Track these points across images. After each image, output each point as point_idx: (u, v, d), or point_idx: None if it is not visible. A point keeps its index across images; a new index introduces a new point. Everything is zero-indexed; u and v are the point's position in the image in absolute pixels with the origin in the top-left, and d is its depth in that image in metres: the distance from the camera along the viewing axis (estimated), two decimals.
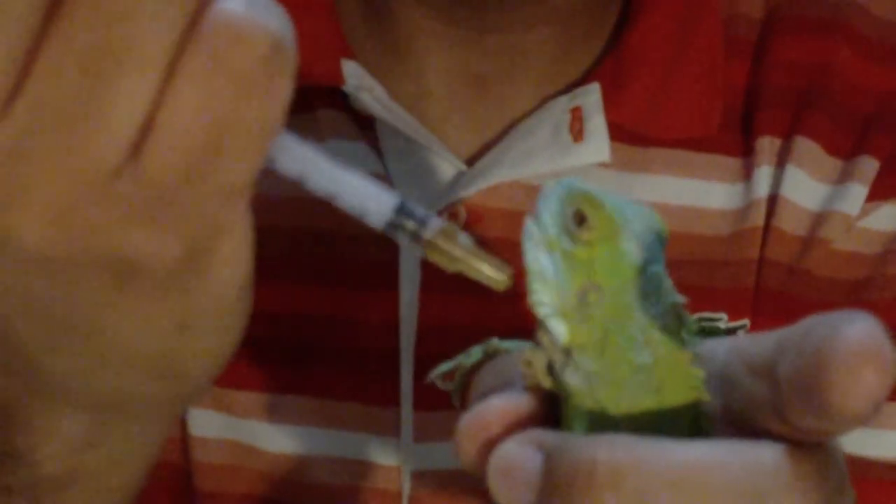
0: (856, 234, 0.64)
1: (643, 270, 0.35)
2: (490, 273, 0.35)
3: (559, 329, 0.36)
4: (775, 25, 0.66)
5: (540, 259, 0.36)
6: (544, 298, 0.36)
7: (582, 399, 0.35)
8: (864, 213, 0.64)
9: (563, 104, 0.64)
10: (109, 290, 0.33)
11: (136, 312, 0.34)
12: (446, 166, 0.64)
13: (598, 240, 0.35)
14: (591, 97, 0.63)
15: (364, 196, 0.34)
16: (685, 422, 0.35)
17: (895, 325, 0.64)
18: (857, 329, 0.31)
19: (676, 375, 0.35)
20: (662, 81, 0.64)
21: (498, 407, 0.35)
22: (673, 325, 0.35)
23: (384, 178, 0.63)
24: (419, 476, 0.63)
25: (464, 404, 0.38)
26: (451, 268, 0.35)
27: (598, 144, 0.63)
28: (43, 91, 0.30)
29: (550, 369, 0.36)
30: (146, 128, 0.31)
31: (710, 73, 0.65)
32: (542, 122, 0.63)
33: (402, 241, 0.35)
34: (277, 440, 0.65)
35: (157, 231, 0.32)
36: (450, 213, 0.63)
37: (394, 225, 0.35)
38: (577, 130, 0.63)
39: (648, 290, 0.35)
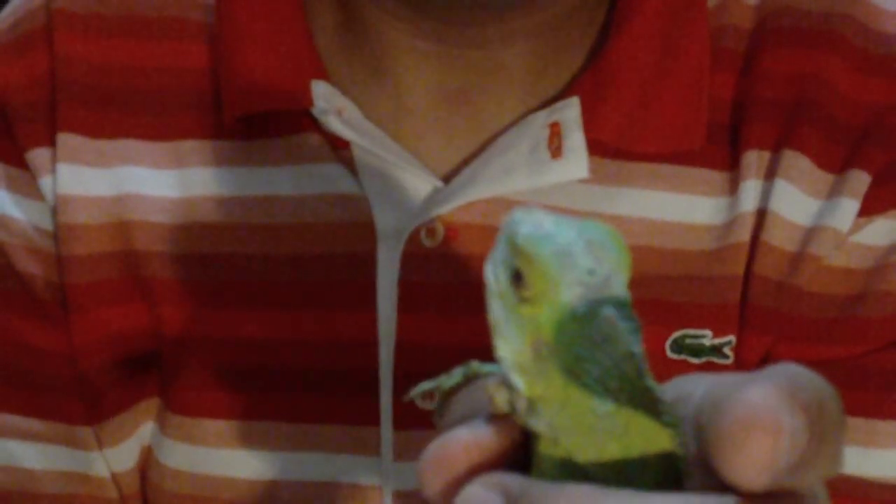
0: (848, 249, 0.63)
1: (593, 317, 0.34)
2: None
3: (518, 383, 0.34)
4: (764, 36, 0.65)
5: (495, 310, 0.35)
6: (502, 352, 0.35)
7: (548, 444, 0.34)
8: (856, 227, 0.63)
9: (541, 119, 0.63)
10: None
11: None
12: (423, 184, 0.63)
13: (537, 297, 0.34)
14: (571, 112, 0.63)
15: None
16: (656, 467, 0.33)
17: (889, 342, 0.64)
18: (747, 395, 0.29)
19: (642, 422, 0.33)
20: (645, 94, 0.63)
21: (463, 441, 0.34)
22: (631, 372, 0.33)
23: (360, 198, 0.62)
24: (400, 496, 0.63)
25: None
26: None
27: (576, 160, 0.62)
28: None
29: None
30: None
31: (695, 86, 0.64)
32: (521, 138, 0.63)
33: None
34: (254, 467, 0.64)
35: None
36: (427, 230, 0.62)
37: None
38: (556, 146, 0.62)
39: (599, 339, 0.33)
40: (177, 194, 0.64)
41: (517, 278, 0.34)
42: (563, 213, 0.35)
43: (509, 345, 0.35)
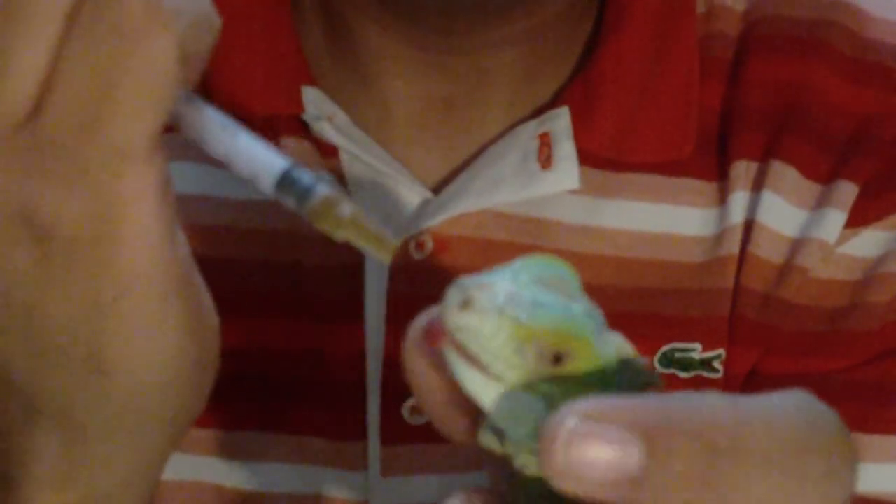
0: (835, 261, 0.63)
1: (626, 363, 0.34)
2: (374, 242, 0.35)
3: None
4: (752, 44, 0.65)
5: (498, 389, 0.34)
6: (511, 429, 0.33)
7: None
8: (843, 239, 0.63)
9: (530, 130, 0.62)
10: (25, 255, 0.35)
11: (52, 286, 0.36)
12: (411, 194, 0.63)
13: (574, 362, 0.33)
14: (560, 122, 0.62)
15: (254, 161, 0.36)
16: None
17: (879, 355, 0.64)
18: (574, 405, 0.29)
19: None
20: (634, 103, 0.63)
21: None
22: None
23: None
24: None
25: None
26: (336, 236, 0.35)
27: (566, 171, 0.62)
28: None
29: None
30: (46, 85, 0.33)
31: (684, 95, 0.64)
32: (510, 149, 0.62)
33: (290, 206, 0.36)
34: (241, 477, 0.63)
35: (57, 187, 0.34)
36: (416, 242, 0.62)
37: (281, 190, 0.35)
38: (546, 157, 0.62)
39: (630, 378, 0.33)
40: None
41: (557, 358, 0.33)
42: (484, 269, 0.34)
43: (522, 415, 0.33)
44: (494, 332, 0.32)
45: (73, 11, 0.33)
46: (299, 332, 0.63)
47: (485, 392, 0.33)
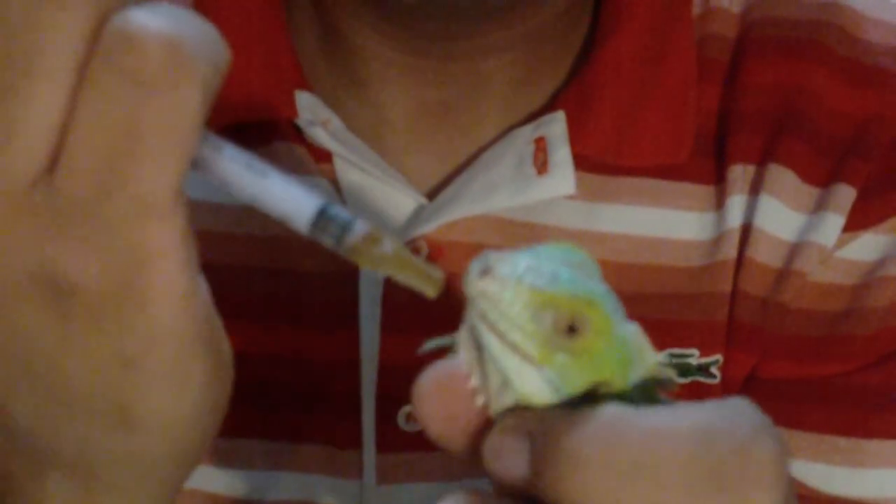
0: (833, 265, 0.62)
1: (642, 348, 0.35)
2: (420, 277, 0.35)
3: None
4: (749, 47, 0.65)
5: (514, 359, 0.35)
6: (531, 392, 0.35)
7: None
8: (842, 243, 0.62)
9: (526, 134, 0.62)
10: (47, 316, 0.33)
11: (76, 344, 0.34)
12: (406, 200, 0.62)
13: (594, 337, 0.35)
14: (556, 126, 0.62)
15: (286, 201, 0.35)
16: None
17: (877, 360, 0.64)
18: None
19: None
20: (631, 107, 0.63)
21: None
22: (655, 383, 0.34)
23: None
24: None
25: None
26: (378, 272, 0.35)
27: (563, 176, 0.61)
28: None
29: None
30: (60, 140, 0.32)
31: (681, 98, 0.64)
32: (505, 154, 0.62)
33: (328, 244, 0.35)
34: (236, 484, 0.63)
35: (78, 248, 0.32)
36: (411, 248, 0.61)
37: (317, 229, 0.35)
38: (542, 162, 0.62)
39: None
40: None
41: (571, 329, 0.34)
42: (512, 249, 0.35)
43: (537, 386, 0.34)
44: (513, 299, 0.33)
45: (85, 61, 0.31)
46: (294, 338, 0.62)
47: (505, 358, 0.34)
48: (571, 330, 0.34)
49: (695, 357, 0.62)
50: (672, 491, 0.31)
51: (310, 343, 0.62)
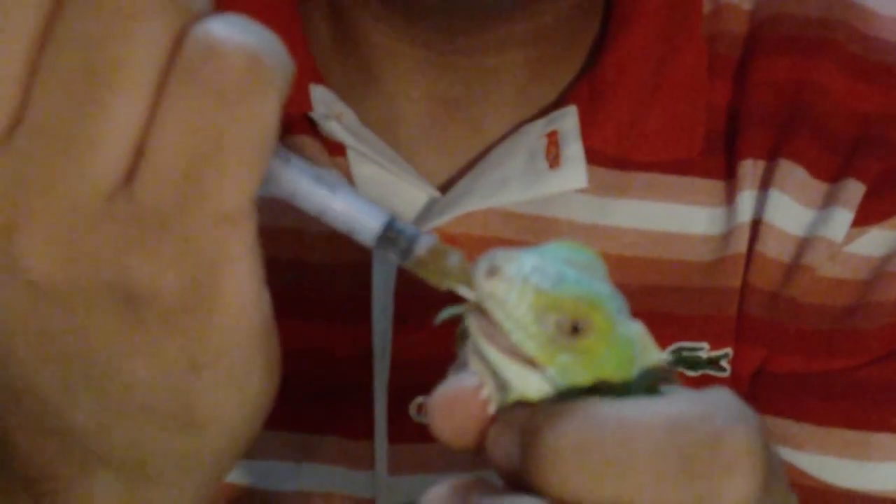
0: (842, 260, 0.63)
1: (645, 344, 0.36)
2: None
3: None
4: (759, 43, 0.65)
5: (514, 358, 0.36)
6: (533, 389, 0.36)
7: None
8: (850, 238, 0.63)
9: (538, 128, 0.62)
10: (117, 322, 0.33)
11: (145, 348, 0.34)
12: (419, 193, 0.63)
13: (597, 337, 0.35)
14: (568, 121, 0.62)
15: (353, 214, 0.35)
16: None
17: (884, 354, 0.64)
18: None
19: None
20: (642, 102, 0.63)
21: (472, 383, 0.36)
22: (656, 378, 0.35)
23: None
24: None
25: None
26: (441, 285, 0.35)
27: (575, 170, 0.62)
28: (39, 116, 0.31)
29: None
30: (139, 151, 0.31)
31: (692, 93, 0.64)
32: (517, 148, 0.62)
33: (392, 258, 0.36)
34: (248, 474, 0.63)
35: (156, 257, 0.32)
36: None
37: (383, 243, 0.35)
38: (553, 156, 0.62)
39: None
40: None
41: (574, 329, 0.34)
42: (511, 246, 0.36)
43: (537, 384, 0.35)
44: (518, 300, 0.34)
45: (165, 72, 0.31)
46: (306, 330, 0.62)
47: (505, 363, 0.34)
48: (575, 330, 0.34)
49: (705, 350, 0.63)
50: (643, 479, 0.31)
51: (322, 335, 0.62)
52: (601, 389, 0.34)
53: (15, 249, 0.32)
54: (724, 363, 0.63)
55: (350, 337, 0.62)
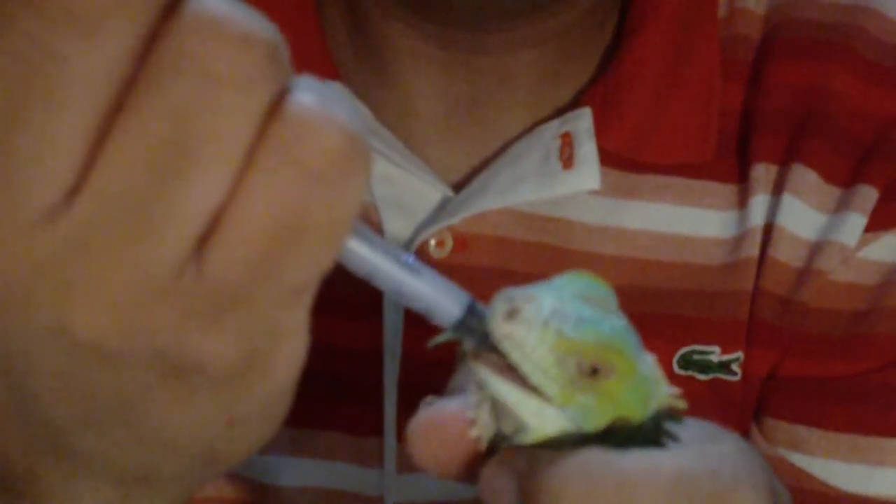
0: (854, 264, 0.63)
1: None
2: None
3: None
4: (774, 47, 0.65)
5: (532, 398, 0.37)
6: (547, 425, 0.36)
7: None
8: (863, 243, 0.62)
9: (552, 129, 0.62)
10: (161, 382, 0.31)
11: (186, 405, 0.32)
12: (432, 192, 0.63)
13: (617, 377, 0.36)
14: (582, 122, 0.62)
15: (433, 300, 0.35)
16: None
17: (895, 359, 0.63)
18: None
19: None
20: (656, 105, 0.63)
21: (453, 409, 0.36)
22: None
23: (368, 204, 0.62)
24: None
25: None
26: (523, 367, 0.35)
27: (588, 171, 0.62)
28: (109, 183, 0.28)
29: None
30: (213, 223, 0.29)
31: (706, 97, 0.64)
32: (531, 148, 0.62)
33: (468, 345, 0.35)
34: (257, 469, 0.63)
35: (219, 333, 0.30)
36: (436, 240, 0.61)
37: (461, 329, 0.35)
38: (567, 157, 0.62)
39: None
40: None
41: (594, 371, 0.34)
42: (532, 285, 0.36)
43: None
44: (538, 343, 0.34)
45: (254, 147, 0.29)
46: (318, 327, 0.62)
47: (523, 403, 0.35)
48: (594, 371, 0.34)
49: (716, 354, 0.62)
50: None
51: (334, 331, 0.62)
52: (616, 426, 0.35)
53: (66, 312, 0.29)
54: (734, 367, 0.62)
55: (361, 334, 0.62)
